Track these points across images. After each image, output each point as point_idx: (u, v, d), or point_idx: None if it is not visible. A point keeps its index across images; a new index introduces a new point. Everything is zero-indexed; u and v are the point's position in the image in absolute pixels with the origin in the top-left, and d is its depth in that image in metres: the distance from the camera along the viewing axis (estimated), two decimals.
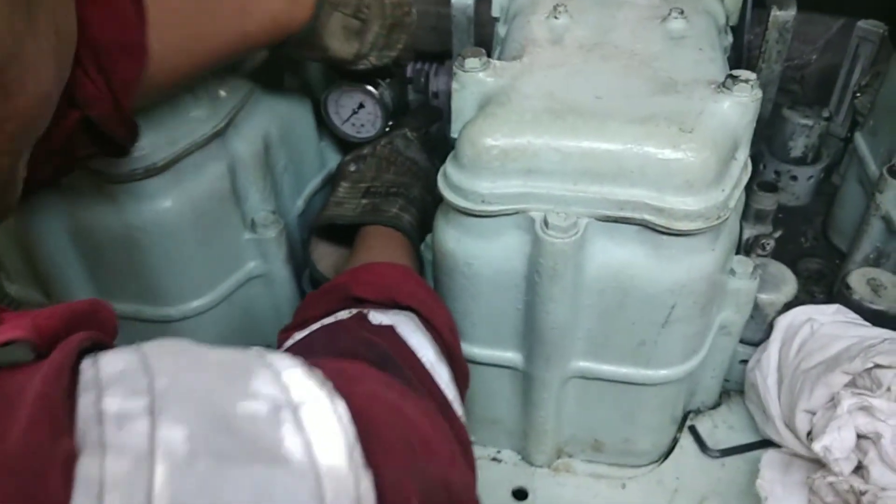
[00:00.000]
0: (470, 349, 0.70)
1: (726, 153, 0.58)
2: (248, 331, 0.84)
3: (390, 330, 0.56)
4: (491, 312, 0.66)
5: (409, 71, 1.10)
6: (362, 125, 0.89)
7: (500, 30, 0.78)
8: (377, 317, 0.57)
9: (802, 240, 1.07)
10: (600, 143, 0.57)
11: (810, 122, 1.06)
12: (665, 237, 0.58)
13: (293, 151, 0.86)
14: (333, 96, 0.87)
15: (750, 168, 0.64)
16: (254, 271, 0.81)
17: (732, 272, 0.70)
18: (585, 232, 0.59)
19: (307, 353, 0.50)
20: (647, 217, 0.57)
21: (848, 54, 1.08)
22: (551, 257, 0.58)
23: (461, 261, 0.64)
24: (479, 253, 0.63)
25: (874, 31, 1.03)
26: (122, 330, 0.80)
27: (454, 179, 0.60)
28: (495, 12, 0.81)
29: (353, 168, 0.86)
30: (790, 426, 0.73)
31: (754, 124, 0.61)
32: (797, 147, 1.08)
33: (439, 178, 0.63)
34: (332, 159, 0.96)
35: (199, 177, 0.72)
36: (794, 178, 1.10)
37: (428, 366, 0.55)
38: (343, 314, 0.59)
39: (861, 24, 1.04)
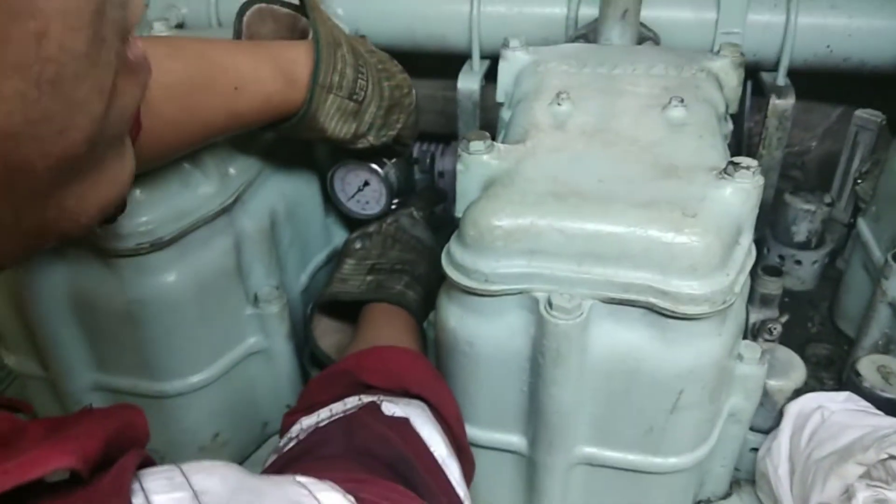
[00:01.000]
0: (471, 431, 0.68)
1: (730, 238, 0.58)
2: (245, 408, 0.82)
3: (405, 423, 0.55)
4: (494, 394, 0.65)
5: (415, 151, 1.12)
6: (367, 202, 0.90)
7: (505, 114, 0.80)
8: (390, 408, 0.56)
9: (809, 325, 1.06)
10: (604, 225, 0.57)
11: (813, 208, 1.06)
12: (671, 321, 0.58)
13: (299, 227, 0.87)
14: (339, 174, 0.89)
15: (754, 254, 0.64)
16: (254, 347, 0.80)
17: (740, 357, 0.69)
18: (590, 314, 0.58)
19: (323, 446, 0.50)
20: (653, 300, 0.57)
21: (847, 142, 1.10)
22: (555, 339, 0.58)
23: (463, 340, 0.63)
24: (482, 332, 0.62)
25: (872, 119, 1.05)
26: (115, 402, 0.80)
27: (457, 258, 0.60)
28: (500, 98, 0.83)
29: (358, 245, 0.87)
30: None
31: (757, 210, 0.62)
32: (800, 232, 1.09)
33: (443, 256, 0.63)
34: (338, 235, 0.96)
35: (204, 252, 0.72)
36: (799, 262, 1.09)
37: (441, 461, 0.55)
38: (352, 401, 0.58)
39: (859, 112, 1.07)
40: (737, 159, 0.60)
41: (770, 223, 1.12)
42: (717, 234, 0.56)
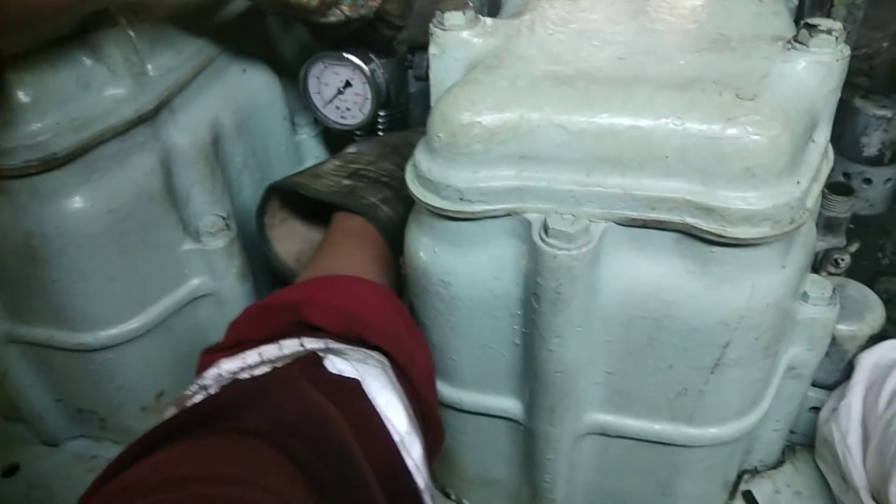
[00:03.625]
0: (454, 393, 0.54)
1: (802, 131, 0.41)
2: (193, 363, 0.69)
3: (354, 388, 0.41)
4: (478, 347, 0.50)
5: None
6: (348, 109, 0.74)
7: None
8: (337, 364, 0.41)
9: (880, 255, 0.89)
10: (623, 117, 0.41)
11: (889, 114, 0.87)
12: (716, 249, 0.42)
13: (256, 144, 0.72)
14: (314, 71, 0.72)
15: (832, 156, 0.47)
16: (199, 290, 0.66)
17: (805, 297, 0.53)
18: (602, 241, 0.43)
19: (236, 414, 0.37)
20: (690, 220, 0.41)
21: None
22: (554, 276, 0.42)
23: (436, 278, 0.48)
24: (459, 268, 0.47)
25: None
26: (37, 359, 0.67)
27: (424, 170, 0.45)
28: None
29: (353, 149, 0.70)
30: (880, 500, 0.55)
31: (839, 94, 0.44)
32: (872, 144, 0.90)
33: (407, 169, 0.47)
34: (312, 157, 0.81)
35: (118, 172, 0.57)
36: (868, 181, 0.91)
37: (399, 441, 0.40)
38: (290, 346, 0.44)
39: None
40: (814, 21, 0.42)
41: (835, 135, 0.93)
42: (786, 124, 0.40)
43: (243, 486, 0.30)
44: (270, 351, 0.44)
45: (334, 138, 0.81)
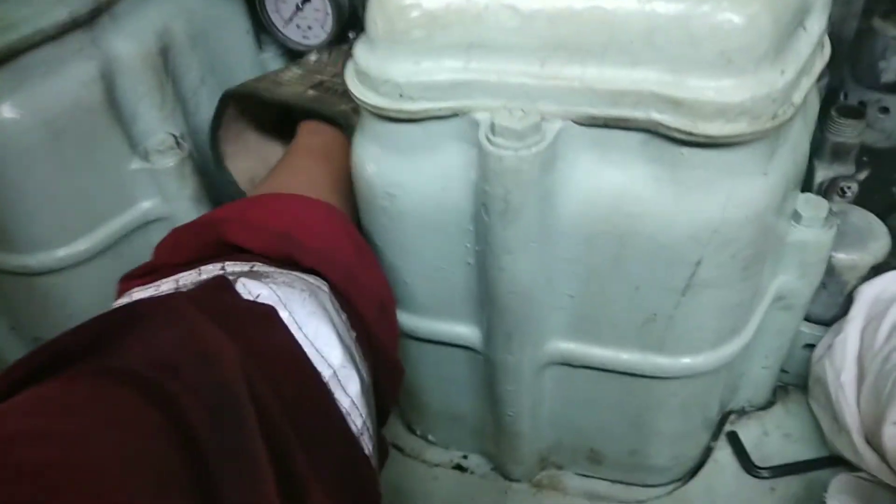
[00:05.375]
0: (409, 320, 0.50)
1: (788, 13, 0.36)
2: None
3: (266, 314, 0.35)
4: (429, 269, 0.46)
5: None
6: (309, 27, 0.68)
7: None
8: (252, 287, 0.36)
9: (895, 189, 0.83)
10: None
11: None
12: (686, 151, 0.37)
13: (215, 59, 0.67)
14: None
15: (828, 49, 0.41)
16: (150, 213, 0.62)
17: (797, 217, 0.48)
18: (558, 143, 0.38)
19: (97, 352, 0.30)
20: (657, 116, 0.36)
21: None
22: (501, 181, 0.37)
23: (380, 190, 0.43)
24: (404, 179, 0.42)
25: None
26: None
27: (362, 64, 0.40)
28: None
29: (314, 57, 0.65)
30: (873, 442, 0.51)
31: None
32: (890, 69, 0.82)
33: (347, 66, 0.42)
34: None
35: (53, 80, 0.53)
36: (885, 109, 0.84)
37: (327, 374, 0.35)
38: (210, 270, 0.39)
39: None
40: None
41: (850, 60, 0.86)
42: (767, 2, 0.34)
43: (74, 446, 0.24)
44: (188, 277, 0.39)
45: (300, 57, 0.75)
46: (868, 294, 0.55)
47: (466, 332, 0.49)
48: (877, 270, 0.56)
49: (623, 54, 0.35)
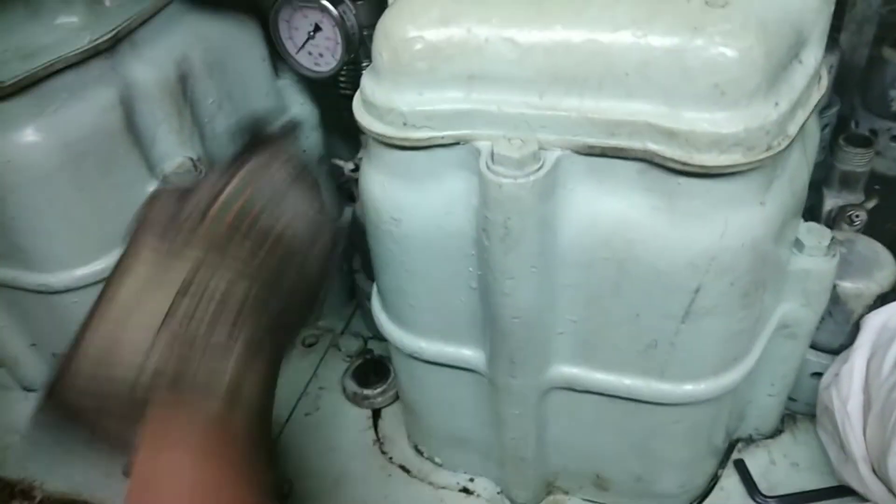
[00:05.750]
0: (414, 342, 0.51)
1: (783, 46, 0.36)
2: None
3: None
4: (433, 291, 0.47)
5: None
6: (321, 54, 0.70)
7: None
8: None
9: None
10: (579, 29, 0.37)
11: None
12: (682, 181, 0.37)
13: (231, 85, 0.69)
14: (284, 14, 0.69)
15: (825, 82, 0.42)
16: None
17: (799, 245, 0.48)
18: (557, 171, 0.39)
19: None
20: (653, 147, 0.36)
21: None
22: (501, 207, 0.38)
23: (386, 215, 0.44)
24: (409, 204, 0.43)
25: None
26: (7, 302, 0.66)
27: (368, 93, 0.41)
28: None
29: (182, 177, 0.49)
30: (880, 472, 0.51)
31: (833, 6, 0.39)
32: None
33: (356, 98, 0.43)
34: (297, 103, 0.78)
35: (74, 105, 0.55)
36: None
37: None
38: None
39: None
40: None
41: (861, 88, 0.86)
42: (761, 35, 0.35)
43: None
44: None
45: (316, 85, 0.77)
46: (874, 323, 0.55)
47: (471, 355, 0.49)
48: (883, 300, 0.56)
49: (619, 86, 0.36)
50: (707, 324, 0.42)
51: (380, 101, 0.40)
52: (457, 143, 0.40)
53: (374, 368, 0.67)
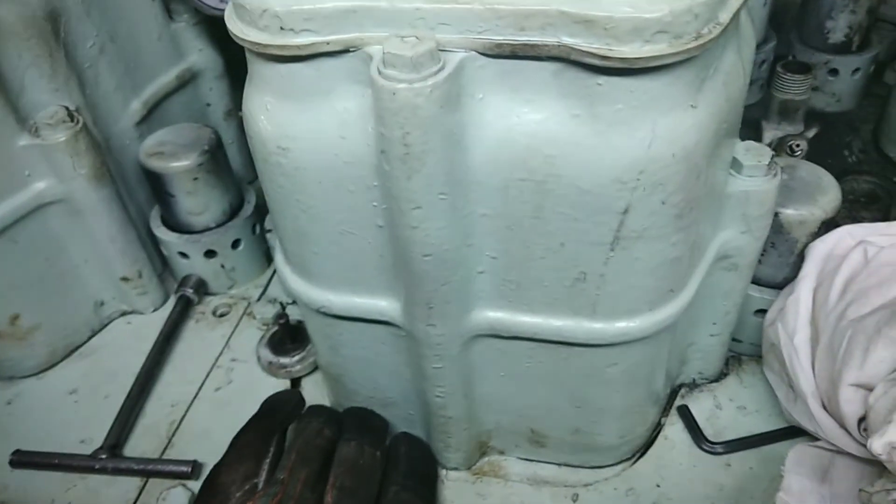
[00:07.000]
0: (321, 295, 0.45)
1: None
2: (56, 281, 0.60)
3: None
4: (336, 234, 0.41)
5: None
6: None
7: None
8: None
9: (846, 153, 0.81)
10: None
11: None
12: (603, 81, 0.32)
13: (115, 27, 0.61)
14: None
15: None
16: (45, 195, 0.57)
17: (737, 166, 0.44)
18: (461, 75, 0.33)
19: None
20: (568, 40, 0.31)
21: None
22: (397, 119, 0.33)
23: (272, 145, 0.38)
24: (298, 129, 0.37)
25: None
26: None
27: None
28: None
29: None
30: (830, 408, 0.48)
31: None
32: (837, 29, 0.80)
33: (227, 6, 0.37)
34: (193, 50, 0.70)
35: None
36: (834, 71, 0.82)
37: None
38: None
39: None
40: None
41: (797, 21, 0.83)
42: None
43: None
44: None
45: (220, 28, 0.70)
46: (820, 251, 0.52)
47: (384, 305, 0.44)
48: (828, 226, 0.53)
49: None
50: (639, 250, 0.38)
51: (250, 0, 0.34)
52: (346, 51, 0.34)
53: (290, 334, 0.61)
